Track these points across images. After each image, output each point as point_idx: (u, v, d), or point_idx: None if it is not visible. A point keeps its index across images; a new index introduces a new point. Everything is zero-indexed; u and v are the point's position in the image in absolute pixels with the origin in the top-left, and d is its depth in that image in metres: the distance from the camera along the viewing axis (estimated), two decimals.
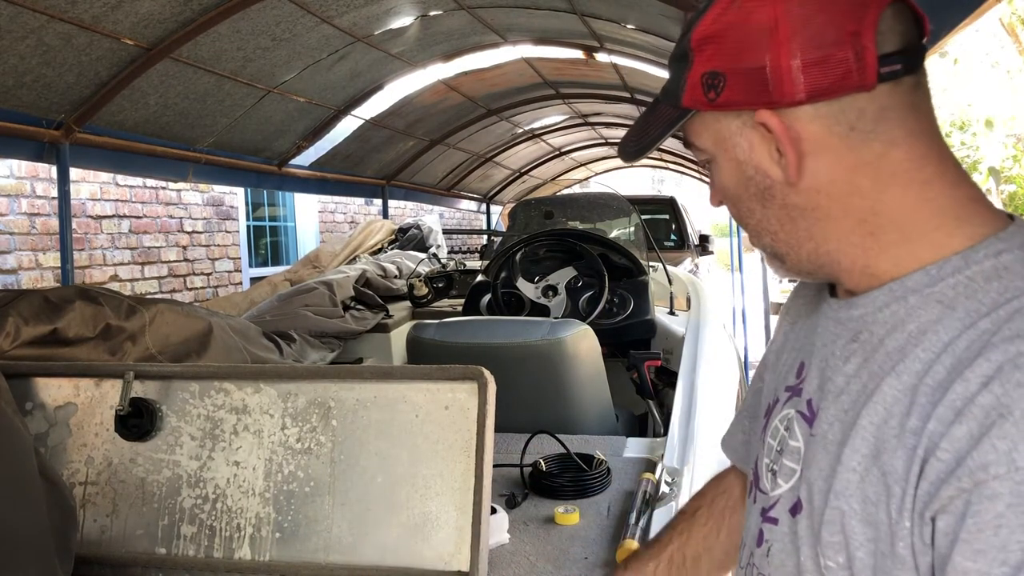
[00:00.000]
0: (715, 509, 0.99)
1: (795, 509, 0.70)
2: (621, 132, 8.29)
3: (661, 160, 10.45)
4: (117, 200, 5.01)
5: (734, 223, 9.00)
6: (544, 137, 7.78)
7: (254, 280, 6.26)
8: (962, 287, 0.62)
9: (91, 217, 4.80)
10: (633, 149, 0.78)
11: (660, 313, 2.83)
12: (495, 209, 8.79)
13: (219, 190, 5.98)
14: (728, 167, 0.72)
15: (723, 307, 7.35)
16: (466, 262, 4.21)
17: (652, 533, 1.30)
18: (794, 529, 0.70)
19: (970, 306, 0.61)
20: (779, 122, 0.65)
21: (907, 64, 0.64)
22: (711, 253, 8.83)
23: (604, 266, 2.72)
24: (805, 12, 0.63)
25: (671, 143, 8.20)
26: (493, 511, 1.28)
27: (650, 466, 1.69)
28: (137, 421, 1.21)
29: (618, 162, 11.53)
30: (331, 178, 5.02)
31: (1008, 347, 0.57)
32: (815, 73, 0.63)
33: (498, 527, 1.36)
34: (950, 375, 0.59)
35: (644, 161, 11.58)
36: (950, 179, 0.66)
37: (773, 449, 0.75)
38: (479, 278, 3.03)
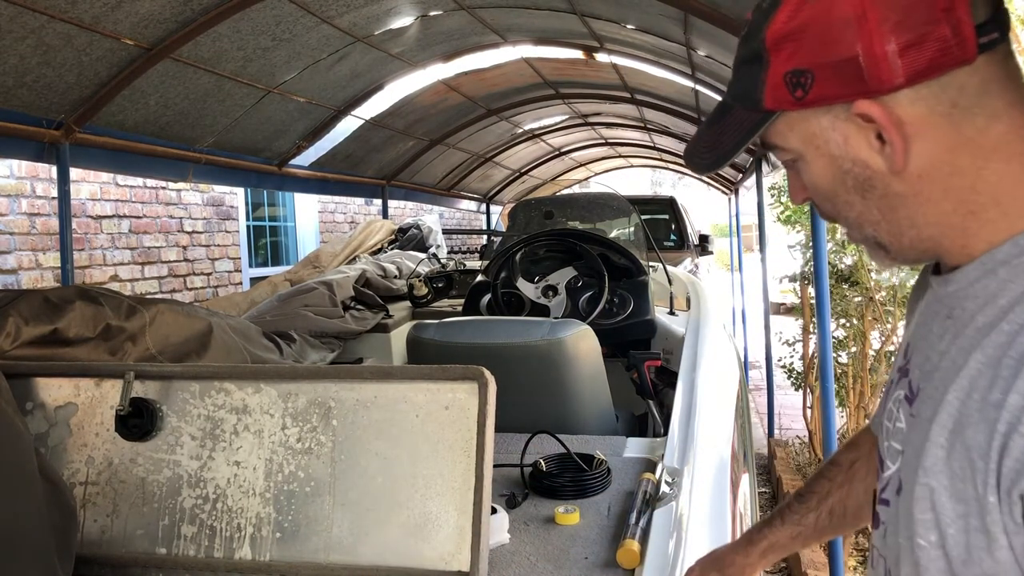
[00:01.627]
0: (873, 461, 0.95)
1: (899, 490, 0.69)
2: (621, 132, 8.30)
3: (661, 160, 10.45)
4: (117, 200, 5.01)
5: (735, 223, 9.01)
6: (544, 137, 7.78)
7: (254, 280, 6.26)
8: None
9: (91, 217, 4.80)
10: (709, 160, 0.76)
11: (660, 313, 2.83)
12: (495, 209, 8.79)
13: (219, 190, 5.97)
14: (821, 163, 0.70)
15: (723, 307, 7.35)
16: (466, 262, 4.21)
17: (652, 533, 1.30)
18: (897, 510, 0.69)
19: None
20: (880, 110, 0.64)
21: (1002, 30, 0.63)
22: (711, 253, 8.84)
23: (604, 266, 2.72)
24: None
25: (672, 144, 8.21)
26: (493, 511, 1.28)
27: (650, 466, 1.69)
28: (137, 421, 1.21)
29: (618, 162, 11.54)
30: (331, 178, 5.02)
31: None
32: (913, 55, 0.62)
33: (498, 527, 1.36)
34: None
35: (643, 161, 11.57)
36: None
37: (888, 430, 0.75)
38: (479, 278, 3.03)
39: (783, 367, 5.71)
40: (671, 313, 2.93)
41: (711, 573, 1.06)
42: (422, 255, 4.13)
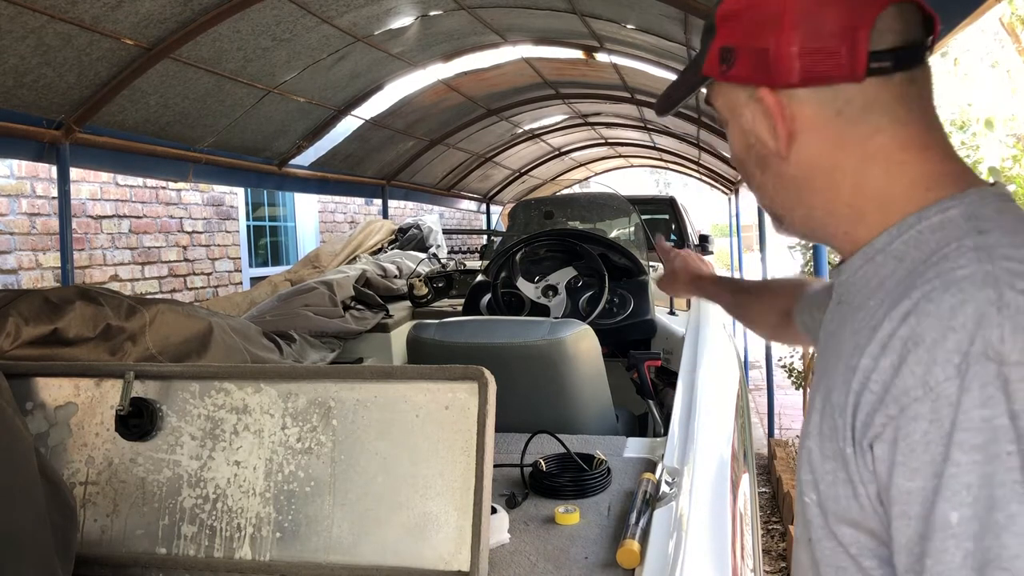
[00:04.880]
0: (764, 306, 1.25)
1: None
2: (621, 132, 8.31)
3: (661, 160, 10.46)
4: (117, 200, 5.01)
5: (735, 223, 9.02)
6: (544, 137, 7.77)
7: (254, 280, 6.26)
8: (912, 240, 0.69)
9: (91, 217, 4.80)
10: (663, 104, 0.89)
11: (660, 313, 2.83)
12: (495, 209, 8.79)
13: (219, 190, 5.97)
14: (736, 132, 0.79)
15: None
16: (466, 262, 4.21)
17: (652, 533, 1.30)
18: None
19: (916, 256, 0.67)
20: (775, 100, 0.73)
21: (898, 62, 0.70)
22: (711, 253, 8.83)
23: (604, 266, 2.72)
24: (810, 5, 0.70)
25: (672, 145, 8.21)
26: (493, 511, 1.28)
27: (650, 466, 1.69)
28: (137, 421, 1.21)
29: (618, 162, 11.55)
30: (331, 178, 5.01)
31: (925, 286, 0.63)
32: (810, 61, 0.69)
33: (498, 527, 1.36)
34: (884, 316, 0.65)
35: (645, 162, 11.59)
36: (933, 158, 0.72)
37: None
38: (479, 278, 3.03)
39: (783, 367, 5.71)
40: (671, 313, 2.93)
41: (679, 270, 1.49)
42: (422, 255, 4.13)
